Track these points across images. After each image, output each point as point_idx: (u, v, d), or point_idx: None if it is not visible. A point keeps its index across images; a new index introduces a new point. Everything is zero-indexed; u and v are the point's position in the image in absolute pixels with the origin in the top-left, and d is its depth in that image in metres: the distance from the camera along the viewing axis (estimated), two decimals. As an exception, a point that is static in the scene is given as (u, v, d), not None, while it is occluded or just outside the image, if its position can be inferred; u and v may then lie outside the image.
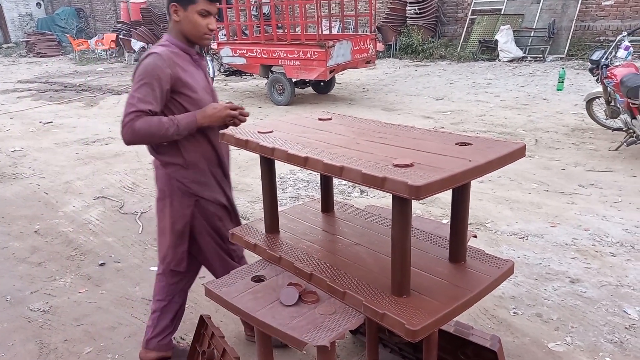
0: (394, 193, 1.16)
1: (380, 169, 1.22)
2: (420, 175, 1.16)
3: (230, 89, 10.23)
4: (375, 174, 1.18)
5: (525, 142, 5.91)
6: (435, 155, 1.32)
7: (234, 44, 8.52)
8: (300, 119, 1.85)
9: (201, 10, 1.97)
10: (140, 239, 3.75)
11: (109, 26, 20.27)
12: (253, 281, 1.53)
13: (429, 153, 1.35)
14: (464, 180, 1.20)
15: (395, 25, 12.74)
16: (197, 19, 1.98)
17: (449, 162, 1.25)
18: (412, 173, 1.18)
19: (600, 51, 5.30)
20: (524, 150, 1.41)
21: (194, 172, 2.05)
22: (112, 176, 5.19)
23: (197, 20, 1.98)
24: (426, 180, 1.11)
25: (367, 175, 1.20)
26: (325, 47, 7.22)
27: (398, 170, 1.21)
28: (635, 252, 3.20)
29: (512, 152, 1.35)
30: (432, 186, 1.12)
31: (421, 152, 1.37)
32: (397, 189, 1.14)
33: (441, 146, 1.42)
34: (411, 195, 1.11)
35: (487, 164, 1.26)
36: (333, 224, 1.86)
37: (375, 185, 1.18)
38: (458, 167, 1.20)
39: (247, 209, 4.19)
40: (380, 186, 1.18)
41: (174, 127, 1.91)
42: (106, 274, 3.28)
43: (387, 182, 1.16)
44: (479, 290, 1.39)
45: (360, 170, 1.21)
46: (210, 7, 1.99)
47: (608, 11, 10.85)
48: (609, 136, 5.52)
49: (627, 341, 2.40)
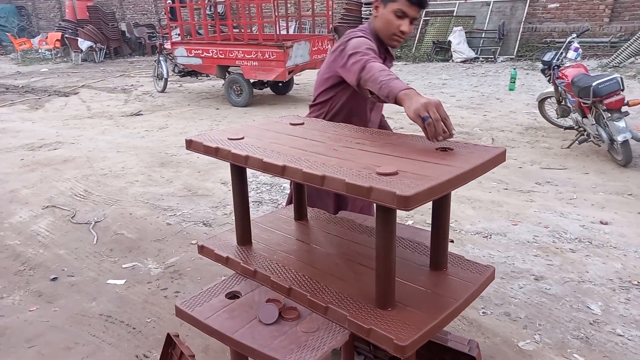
0: (380, 203, 1.10)
1: (364, 178, 1.16)
2: (407, 184, 1.11)
3: (185, 90, 9.96)
4: (360, 183, 1.12)
5: (483, 142, 6.05)
6: (418, 162, 1.28)
7: (189, 43, 8.29)
8: (271, 124, 1.77)
9: (397, 10, 1.90)
10: (95, 250, 3.54)
11: (54, 25, 19.37)
12: (228, 298, 1.44)
13: (411, 160, 1.31)
14: (450, 188, 1.16)
15: (352, 26, 12.77)
16: (392, 17, 1.91)
17: (434, 169, 1.21)
18: (398, 182, 1.13)
19: (551, 52, 5.48)
20: (504, 155, 1.39)
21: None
22: (62, 183, 4.91)
23: (391, 19, 1.92)
24: (415, 189, 1.06)
25: (351, 185, 1.14)
26: (283, 48, 7.13)
27: (383, 179, 1.15)
28: (593, 247, 3.31)
29: (494, 158, 1.33)
30: (420, 196, 1.07)
31: (402, 158, 1.33)
32: (384, 199, 1.08)
33: (422, 152, 1.38)
34: (399, 205, 1.06)
35: (471, 170, 1.23)
36: (308, 232, 1.79)
37: (360, 195, 1.13)
38: (444, 175, 1.16)
39: (208, 215, 4.06)
40: (365, 196, 1.12)
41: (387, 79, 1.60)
42: (59, 289, 3.07)
43: (374, 192, 1.10)
44: (465, 299, 1.36)
45: (343, 180, 1.15)
46: (408, 10, 1.90)
47: (554, 13, 11.31)
48: (561, 134, 5.72)
49: (592, 337, 2.46)
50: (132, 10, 18.61)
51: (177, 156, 5.65)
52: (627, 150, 4.48)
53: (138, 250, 3.52)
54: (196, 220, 3.97)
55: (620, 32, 10.47)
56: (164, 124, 7.23)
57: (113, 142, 6.39)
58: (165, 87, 9.64)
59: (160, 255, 3.45)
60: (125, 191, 4.64)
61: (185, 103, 8.68)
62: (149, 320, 2.74)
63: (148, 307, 2.86)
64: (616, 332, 2.48)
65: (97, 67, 13.95)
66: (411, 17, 1.91)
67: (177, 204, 4.29)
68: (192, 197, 4.45)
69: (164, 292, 3.01)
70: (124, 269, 3.29)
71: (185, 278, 3.15)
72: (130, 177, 5.01)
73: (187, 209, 4.18)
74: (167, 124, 7.22)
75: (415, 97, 1.43)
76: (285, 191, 4.45)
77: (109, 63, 14.84)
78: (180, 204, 4.30)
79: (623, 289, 2.83)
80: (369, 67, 1.68)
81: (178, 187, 4.68)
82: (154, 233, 3.78)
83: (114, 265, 3.33)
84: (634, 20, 10.32)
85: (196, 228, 3.84)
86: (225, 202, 4.29)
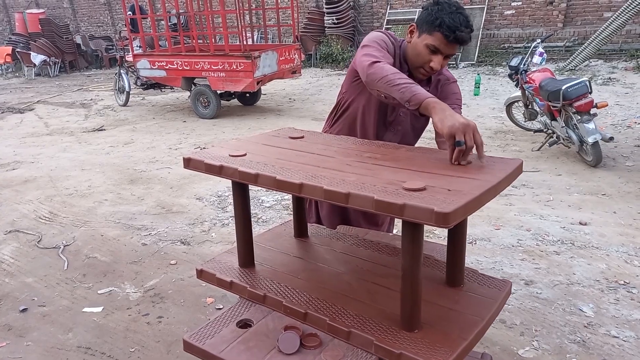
0: (415, 221, 1.03)
1: (393, 194, 1.09)
2: (442, 199, 1.05)
3: (148, 103, 9.67)
4: (392, 200, 1.05)
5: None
6: (442, 176, 1.22)
7: (151, 55, 8.05)
8: (269, 138, 1.68)
9: (431, 45, 1.72)
10: (66, 277, 3.33)
11: (3, 38, 18.54)
12: (239, 327, 1.33)
13: (434, 174, 1.25)
14: (483, 203, 1.11)
15: (315, 35, 12.81)
16: (424, 51, 1.74)
17: (463, 183, 1.15)
18: (431, 197, 1.07)
19: (518, 57, 5.60)
20: (522, 167, 1.36)
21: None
22: (24, 206, 4.62)
23: (422, 52, 1.74)
24: (454, 205, 1.00)
25: (381, 202, 1.06)
26: (251, 58, 7.02)
27: (413, 194, 1.09)
28: (576, 249, 3.35)
29: (516, 169, 1.30)
30: (459, 211, 1.01)
31: (424, 172, 1.26)
32: (420, 216, 1.02)
33: (441, 165, 1.32)
34: (438, 223, 0.99)
35: (499, 183, 1.18)
36: (312, 251, 1.70)
37: (392, 212, 1.05)
38: (476, 189, 1.10)
39: (186, 232, 3.89)
40: (398, 214, 1.05)
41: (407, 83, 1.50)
42: (30, 321, 2.86)
43: (407, 209, 1.03)
44: (489, 317, 1.31)
45: (372, 197, 1.08)
46: (443, 47, 1.71)
47: (510, 20, 11.66)
48: (530, 137, 5.84)
49: (588, 340, 2.47)
50: (87, 22, 18.04)
51: (146, 172, 5.43)
52: (597, 151, 4.60)
53: (113, 274, 3.33)
54: (173, 239, 3.80)
55: (574, 36, 10.88)
56: (129, 139, 6.97)
57: (76, 159, 6.10)
58: (128, 100, 9.33)
59: (138, 278, 3.27)
60: (94, 211, 4.41)
61: (150, 116, 8.42)
62: (133, 350, 2.57)
63: (130, 335, 2.69)
64: (611, 334, 2.49)
65: (52, 82, 13.40)
66: (444, 54, 1.74)
67: (152, 223, 4.10)
68: (167, 214, 4.27)
69: (146, 317, 2.85)
70: (100, 295, 3.09)
71: (168, 301, 2.99)
72: (98, 196, 4.77)
73: (163, 228, 4.00)
74: (132, 139, 6.96)
75: (450, 112, 1.33)
76: (265, 205, 4.33)
77: (64, 77, 14.29)
78: (154, 222, 4.12)
79: (611, 290, 2.87)
80: (380, 66, 1.57)
81: (151, 205, 4.49)
82: (129, 255, 3.59)
83: (88, 292, 3.13)
84: (585, 25, 10.75)
85: (174, 247, 3.67)
86: (202, 218, 4.13)
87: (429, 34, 1.71)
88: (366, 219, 2.22)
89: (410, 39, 1.82)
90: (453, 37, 1.67)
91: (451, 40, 1.68)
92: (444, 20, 1.66)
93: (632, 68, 9.08)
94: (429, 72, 1.80)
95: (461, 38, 1.68)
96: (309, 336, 1.26)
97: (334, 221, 2.19)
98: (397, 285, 1.43)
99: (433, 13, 1.70)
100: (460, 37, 1.68)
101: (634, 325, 2.55)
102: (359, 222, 2.21)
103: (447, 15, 1.67)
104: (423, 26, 1.74)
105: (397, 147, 1.55)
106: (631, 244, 3.36)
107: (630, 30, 10.11)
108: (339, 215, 2.20)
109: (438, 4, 1.71)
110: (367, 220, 2.23)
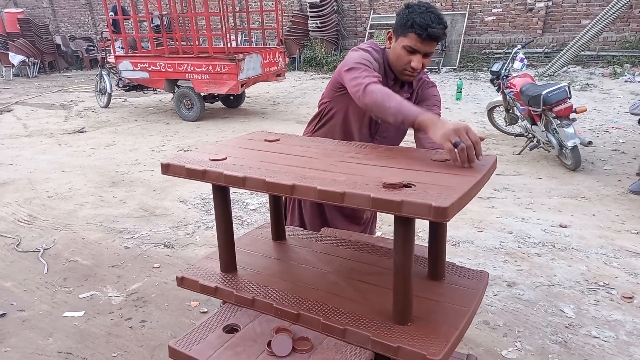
0: (413, 216, 1.05)
1: (387, 192, 1.11)
2: (436, 195, 1.07)
3: (130, 105, 9.56)
4: (389, 197, 1.07)
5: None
6: (427, 173, 1.25)
7: (134, 57, 7.97)
8: (245, 141, 1.68)
9: (407, 46, 1.78)
10: (46, 281, 3.26)
11: (-21, 38, 18.12)
12: (226, 332, 1.32)
13: (418, 171, 1.28)
14: (472, 197, 1.14)
15: (299, 39, 12.83)
16: (402, 52, 1.80)
17: (450, 179, 1.19)
18: (425, 193, 1.09)
19: (499, 63, 5.69)
20: (496, 162, 1.42)
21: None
22: (2, 208, 4.53)
23: (401, 54, 1.80)
24: (450, 200, 1.03)
25: (378, 199, 1.08)
26: (235, 61, 6.99)
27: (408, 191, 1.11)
28: (557, 251, 3.41)
29: (492, 165, 1.36)
30: (455, 206, 1.04)
31: (409, 170, 1.29)
32: (419, 212, 1.04)
33: (423, 163, 1.36)
34: (437, 217, 1.02)
35: (482, 178, 1.23)
36: (292, 252, 1.70)
37: (390, 209, 1.07)
38: (465, 185, 1.13)
39: (169, 235, 3.85)
40: (396, 210, 1.07)
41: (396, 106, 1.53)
42: (9, 326, 2.79)
43: (405, 205, 1.05)
44: (474, 306, 1.34)
45: (368, 195, 1.09)
46: (419, 46, 1.76)
47: (491, 26, 11.83)
48: (511, 141, 5.93)
49: (570, 340, 2.51)
50: (67, 22, 17.77)
51: (129, 174, 5.37)
52: (576, 155, 4.69)
53: (95, 278, 3.28)
54: (156, 242, 3.76)
55: (553, 42, 11.09)
56: (110, 141, 6.88)
57: (56, 161, 5.99)
58: (109, 102, 9.21)
59: (121, 281, 3.22)
60: (74, 214, 4.34)
61: (132, 118, 8.32)
62: (115, 354, 2.53)
63: (112, 340, 2.65)
64: (592, 335, 2.54)
65: (31, 83, 13.17)
66: (422, 53, 1.80)
67: (134, 226, 4.05)
68: (150, 217, 4.22)
69: (129, 322, 2.81)
70: (81, 299, 3.04)
71: (151, 305, 2.95)
72: (79, 199, 4.70)
73: (145, 231, 3.95)
74: (114, 141, 6.87)
75: (441, 122, 1.38)
76: (249, 207, 4.31)
77: (43, 78, 14.05)
78: (137, 225, 4.06)
79: (591, 291, 2.92)
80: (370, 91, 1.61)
81: (133, 208, 4.43)
82: (111, 258, 3.53)
83: (69, 296, 3.08)
84: (564, 32, 10.97)
85: (157, 250, 3.63)
86: (186, 221, 4.10)
87: (404, 36, 1.78)
88: (348, 220, 2.24)
89: (389, 45, 1.89)
90: (426, 34, 1.74)
91: (424, 37, 1.74)
92: (415, 20, 1.74)
93: (609, 74, 9.30)
94: (412, 73, 1.86)
95: (434, 34, 1.74)
96: (300, 340, 1.26)
97: (317, 224, 2.20)
98: (383, 282, 1.45)
99: (405, 16, 1.78)
100: (432, 33, 1.74)
101: (613, 326, 2.60)
102: (342, 224, 2.22)
103: (417, 15, 1.74)
104: (398, 30, 1.82)
105: (376, 147, 1.57)
106: (610, 245, 3.43)
107: (607, 38, 10.35)
108: (321, 217, 2.22)
109: (409, 7, 1.79)
110: (349, 221, 2.25)
